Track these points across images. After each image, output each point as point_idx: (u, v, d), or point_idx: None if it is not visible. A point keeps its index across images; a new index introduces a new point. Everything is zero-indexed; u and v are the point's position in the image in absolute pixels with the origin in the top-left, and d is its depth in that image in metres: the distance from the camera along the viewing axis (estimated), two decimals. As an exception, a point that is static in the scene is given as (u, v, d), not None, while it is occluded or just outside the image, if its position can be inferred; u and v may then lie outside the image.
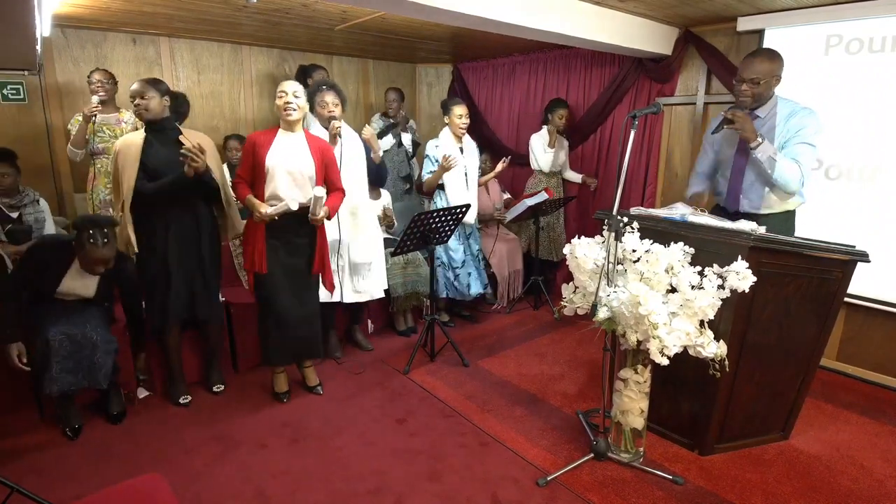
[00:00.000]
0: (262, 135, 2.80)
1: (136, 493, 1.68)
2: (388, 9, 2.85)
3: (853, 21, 3.10)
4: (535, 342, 3.88)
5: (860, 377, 3.32)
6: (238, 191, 2.82)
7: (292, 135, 2.81)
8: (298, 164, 2.76)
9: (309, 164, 2.79)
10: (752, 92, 2.61)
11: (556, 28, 3.11)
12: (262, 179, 2.75)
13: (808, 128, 2.59)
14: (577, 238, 2.40)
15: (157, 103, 2.70)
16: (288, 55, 4.86)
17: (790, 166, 2.56)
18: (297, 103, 2.75)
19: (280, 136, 2.79)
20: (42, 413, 2.78)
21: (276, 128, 2.83)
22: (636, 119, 2.23)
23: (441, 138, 3.81)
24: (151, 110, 2.69)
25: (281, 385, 3.06)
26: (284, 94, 2.74)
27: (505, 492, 2.29)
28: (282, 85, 2.78)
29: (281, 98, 2.75)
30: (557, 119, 4.42)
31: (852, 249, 2.36)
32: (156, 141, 2.73)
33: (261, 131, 2.85)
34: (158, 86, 2.73)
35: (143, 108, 2.68)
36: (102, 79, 3.48)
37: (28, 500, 1.95)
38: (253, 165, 2.76)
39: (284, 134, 2.81)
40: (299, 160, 2.77)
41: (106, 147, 3.44)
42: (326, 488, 2.31)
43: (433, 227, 3.28)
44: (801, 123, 2.60)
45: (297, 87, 2.77)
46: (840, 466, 2.47)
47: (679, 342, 2.05)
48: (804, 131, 2.59)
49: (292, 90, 2.75)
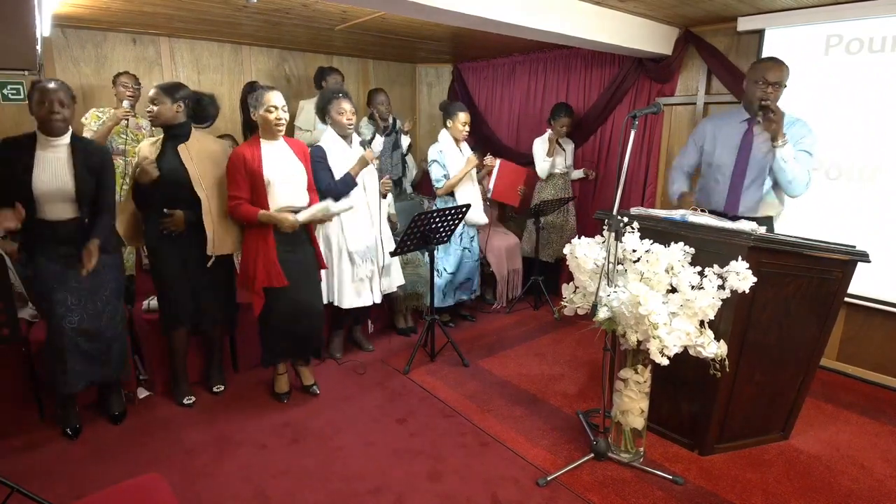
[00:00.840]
0: (247, 149, 2.70)
1: (137, 493, 1.68)
2: (388, 9, 2.85)
3: (853, 21, 3.09)
4: (535, 342, 3.88)
5: (860, 377, 3.32)
6: (243, 212, 2.69)
7: (276, 143, 2.78)
8: (292, 172, 2.79)
9: (301, 169, 2.82)
10: (775, 95, 2.63)
11: (557, 28, 3.11)
12: (263, 193, 2.70)
13: (807, 137, 2.70)
14: (577, 238, 2.40)
15: (167, 109, 2.68)
16: (288, 55, 4.86)
17: (802, 170, 2.64)
18: (285, 118, 2.73)
19: (266, 147, 2.74)
20: (42, 413, 2.78)
21: (256, 138, 2.76)
22: (636, 119, 2.23)
23: (442, 142, 3.81)
24: (160, 116, 2.68)
25: (282, 386, 3.06)
26: (275, 110, 2.67)
27: (505, 492, 2.29)
28: (271, 98, 2.67)
29: (272, 112, 2.66)
30: (559, 127, 4.36)
31: (852, 249, 2.36)
32: (167, 147, 2.73)
33: (243, 145, 2.75)
34: (174, 92, 2.69)
35: (154, 115, 2.68)
36: (131, 83, 3.53)
37: (28, 500, 1.95)
38: (248, 181, 2.69)
39: (268, 143, 2.75)
40: (292, 168, 2.79)
41: (126, 149, 3.48)
42: (326, 488, 2.31)
43: (433, 226, 3.29)
44: (801, 132, 2.70)
45: (282, 99, 2.72)
46: (840, 466, 2.47)
47: (679, 342, 2.06)
48: (805, 140, 2.69)
49: (281, 104, 2.70)
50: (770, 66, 2.65)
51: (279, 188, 2.73)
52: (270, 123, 2.69)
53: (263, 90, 2.70)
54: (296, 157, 2.82)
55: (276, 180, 2.72)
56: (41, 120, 2.39)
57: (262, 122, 2.71)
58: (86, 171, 2.47)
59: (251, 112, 2.75)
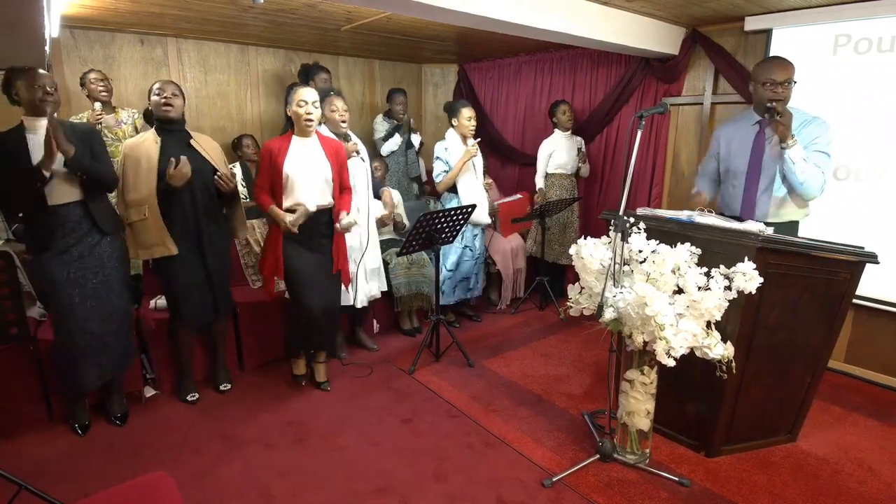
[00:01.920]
0: (277, 142, 2.83)
1: (143, 492, 1.69)
2: (394, 9, 2.86)
3: (861, 20, 3.07)
4: (540, 343, 3.87)
5: (868, 379, 3.29)
6: (260, 200, 2.85)
7: (307, 140, 2.85)
8: (315, 169, 2.82)
9: (325, 167, 2.85)
10: (784, 94, 2.58)
11: (563, 28, 3.11)
12: (281, 187, 2.78)
13: (822, 137, 2.60)
14: (583, 238, 2.40)
15: (181, 104, 2.75)
16: (294, 55, 4.87)
17: (815, 171, 2.55)
18: (316, 114, 2.80)
19: (295, 143, 2.83)
20: (50, 412, 2.80)
21: (290, 133, 2.86)
22: (643, 119, 2.22)
23: (448, 140, 3.81)
24: (177, 109, 2.72)
25: (300, 368, 3.19)
26: (305, 104, 2.77)
27: (510, 492, 2.29)
28: (301, 94, 2.78)
29: (302, 107, 2.77)
30: (561, 115, 4.37)
31: (861, 251, 2.34)
32: (169, 143, 2.73)
33: (276, 138, 2.88)
34: (180, 88, 2.78)
35: (171, 107, 2.69)
36: (102, 79, 3.47)
37: (36, 498, 1.97)
38: (271, 174, 2.80)
39: (299, 140, 2.84)
40: (316, 165, 2.83)
41: (112, 150, 3.44)
42: (331, 488, 2.32)
43: (439, 227, 3.28)
44: (815, 132, 2.60)
45: (315, 95, 2.81)
46: (848, 469, 2.45)
47: (685, 343, 2.05)
48: (820, 140, 2.60)
49: (312, 100, 2.78)
50: (776, 66, 2.60)
51: (297, 184, 2.79)
52: (301, 118, 2.78)
53: (297, 87, 2.84)
54: (324, 156, 2.87)
55: (295, 176, 2.77)
56: (33, 103, 2.38)
57: (294, 118, 2.82)
58: (77, 141, 2.47)
59: (286, 108, 2.89)
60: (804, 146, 2.59)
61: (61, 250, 2.48)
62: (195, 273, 2.82)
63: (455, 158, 3.75)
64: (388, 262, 3.80)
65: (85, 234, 2.52)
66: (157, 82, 2.72)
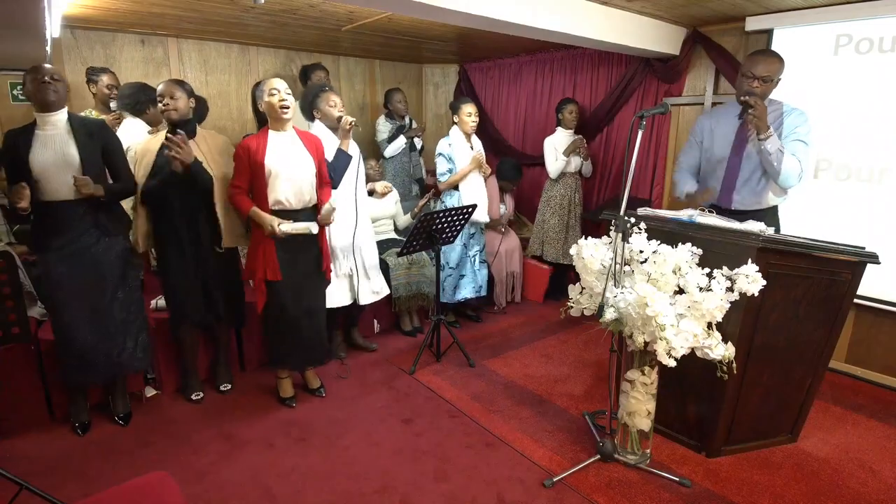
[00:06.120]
0: (254, 139, 2.70)
1: (144, 492, 1.69)
2: (395, 9, 2.86)
3: (863, 21, 3.07)
4: (541, 343, 3.87)
5: (869, 380, 3.29)
6: (238, 202, 2.69)
7: (284, 134, 2.73)
8: (298, 164, 2.71)
9: (308, 162, 2.75)
10: (762, 89, 2.60)
11: (564, 28, 3.11)
12: (263, 184, 2.67)
13: (802, 126, 2.66)
14: (583, 238, 2.40)
15: (185, 104, 2.67)
16: (295, 56, 4.87)
17: (792, 161, 2.60)
18: (289, 100, 2.67)
19: (273, 137, 2.70)
20: (51, 411, 2.80)
21: (266, 129, 2.74)
22: (644, 119, 2.22)
23: (451, 136, 3.81)
24: (180, 110, 2.65)
25: (286, 390, 3.02)
26: (277, 92, 2.63)
27: (511, 493, 2.29)
28: (272, 82, 2.65)
29: (274, 96, 2.63)
30: (567, 114, 4.36)
31: (862, 251, 2.34)
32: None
33: (252, 136, 2.74)
34: (184, 86, 2.71)
35: (172, 109, 2.64)
36: (116, 85, 3.49)
37: (37, 498, 1.97)
38: (250, 172, 2.67)
39: (277, 134, 2.71)
40: (298, 159, 2.72)
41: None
42: (332, 488, 2.32)
43: (440, 227, 3.28)
44: (795, 122, 2.66)
45: (285, 84, 2.69)
46: (849, 469, 2.45)
47: (686, 344, 2.04)
48: (800, 129, 2.65)
49: (284, 87, 2.66)
50: (759, 60, 2.61)
51: (281, 180, 2.68)
52: (275, 107, 2.64)
53: (265, 79, 2.75)
54: (305, 150, 2.75)
55: (279, 171, 2.66)
56: (36, 93, 2.39)
57: (269, 109, 2.68)
58: (87, 139, 2.47)
59: (258, 104, 2.76)
60: (785, 136, 2.64)
61: (58, 248, 2.48)
62: (188, 272, 2.80)
63: (458, 155, 3.74)
64: (387, 263, 3.80)
65: (83, 232, 2.51)
66: (159, 85, 2.68)
